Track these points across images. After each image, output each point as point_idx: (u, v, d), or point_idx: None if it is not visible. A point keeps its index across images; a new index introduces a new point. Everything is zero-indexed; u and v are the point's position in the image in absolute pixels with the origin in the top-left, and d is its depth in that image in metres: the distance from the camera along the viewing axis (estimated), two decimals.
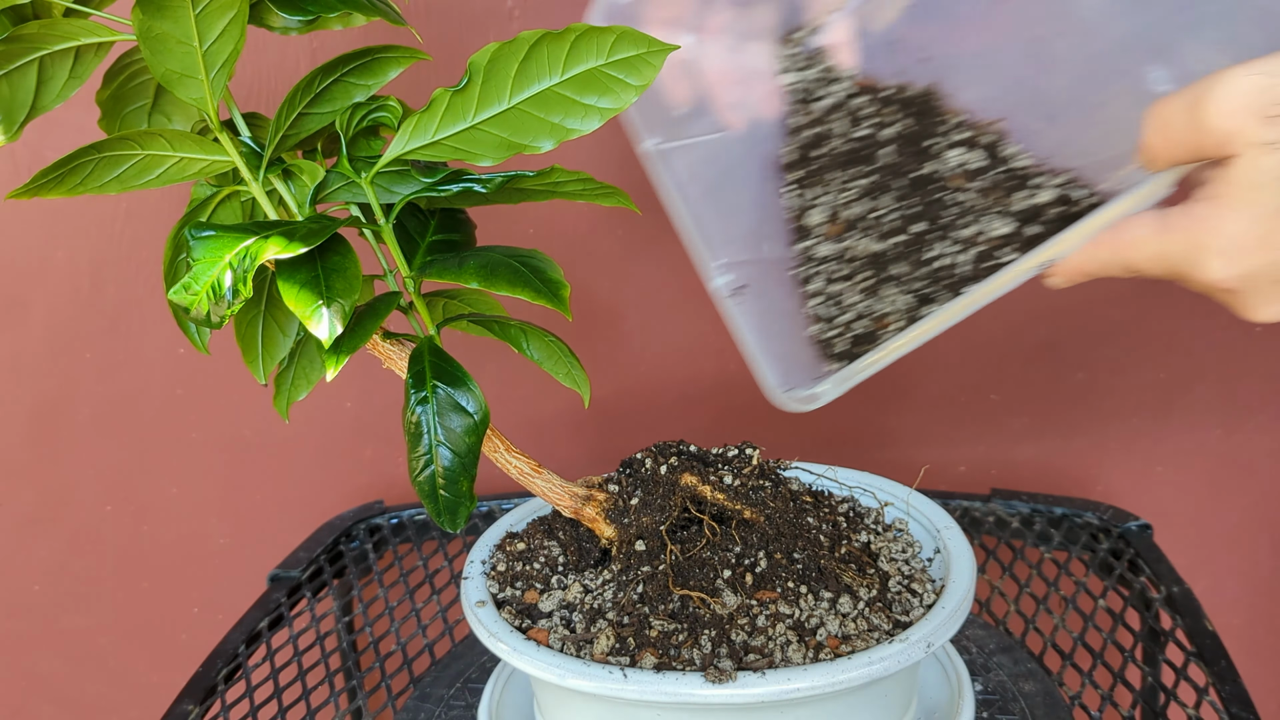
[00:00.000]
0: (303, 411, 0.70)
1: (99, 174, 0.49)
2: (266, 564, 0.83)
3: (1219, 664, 0.65)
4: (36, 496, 0.96)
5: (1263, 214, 0.44)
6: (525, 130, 0.48)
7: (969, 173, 0.55)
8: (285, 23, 0.51)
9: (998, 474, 0.96)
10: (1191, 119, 0.45)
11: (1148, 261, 0.48)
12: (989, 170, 0.56)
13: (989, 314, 0.91)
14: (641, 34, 0.46)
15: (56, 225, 0.89)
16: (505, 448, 0.55)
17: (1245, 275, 0.46)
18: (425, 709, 0.66)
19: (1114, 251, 0.49)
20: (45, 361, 0.92)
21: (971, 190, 0.55)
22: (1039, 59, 0.57)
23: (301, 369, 0.56)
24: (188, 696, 0.69)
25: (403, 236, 0.53)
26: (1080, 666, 0.69)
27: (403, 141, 0.49)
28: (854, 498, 0.61)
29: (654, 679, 0.48)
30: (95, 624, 1.00)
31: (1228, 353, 0.92)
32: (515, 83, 0.47)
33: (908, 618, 0.52)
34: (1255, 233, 0.45)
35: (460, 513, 0.51)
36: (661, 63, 0.47)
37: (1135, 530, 0.82)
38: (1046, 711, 0.61)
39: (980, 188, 0.55)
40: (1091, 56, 0.55)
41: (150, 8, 0.45)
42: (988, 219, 0.54)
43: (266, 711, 0.70)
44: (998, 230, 0.53)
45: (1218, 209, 0.45)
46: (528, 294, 0.48)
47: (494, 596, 0.55)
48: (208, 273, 0.46)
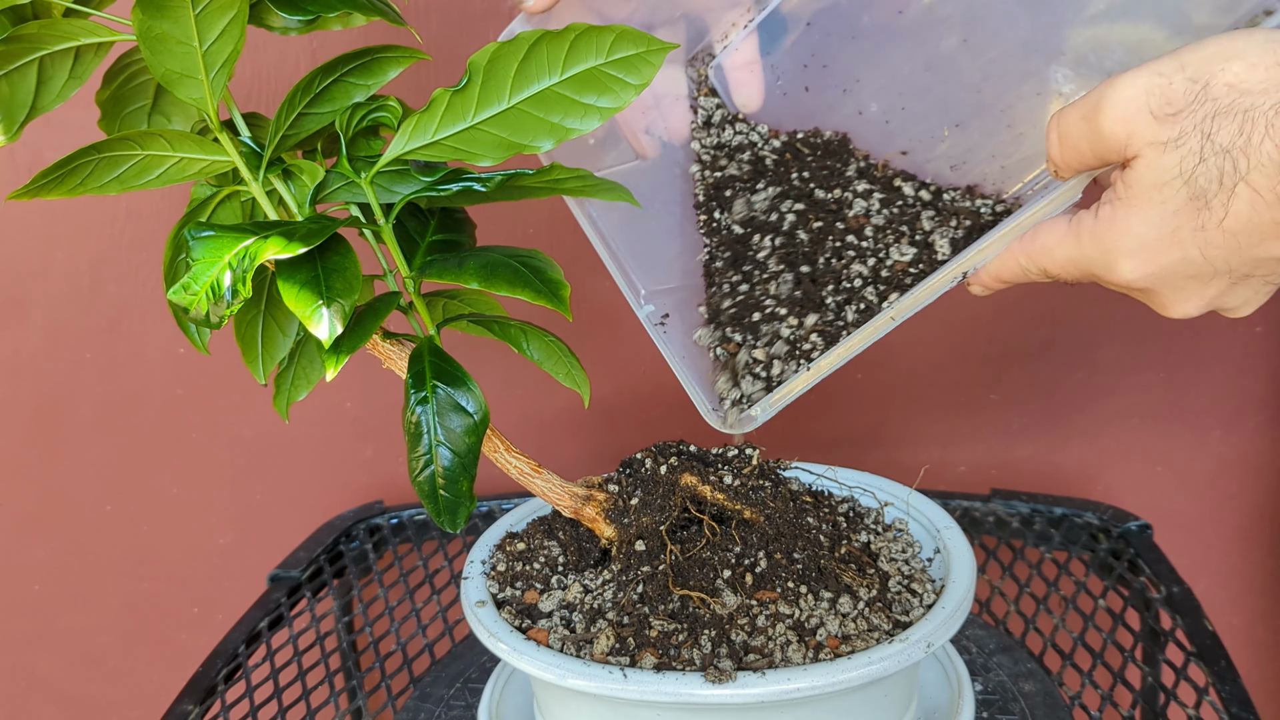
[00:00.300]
0: (303, 411, 0.70)
1: (99, 174, 0.49)
2: (266, 564, 0.83)
3: (1219, 664, 0.65)
4: (36, 496, 0.96)
5: (1167, 212, 0.44)
6: (525, 130, 0.48)
7: (868, 213, 0.56)
8: (285, 23, 0.51)
9: (998, 474, 0.96)
10: (1090, 127, 0.45)
11: (1061, 267, 0.49)
12: (890, 204, 0.56)
13: (989, 314, 0.92)
14: (641, 33, 0.46)
15: (56, 225, 0.89)
16: (505, 448, 0.55)
17: (1157, 274, 0.46)
18: (425, 709, 0.66)
19: (1029, 259, 0.50)
20: (45, 361, 0.92)
21: (874, 224, 0.56)
22: (942, 68, 0.57)
23: (301, 369, 0.56)
24: (188, 696, 0.69)
25: (403, 236, 0.53)
26: (1080, 666, 0.69)
27: (403, 141, 0.49)
28: (854, 498, 0.61)
29: (654, 679, 0.48)
30: (95, 624, 1.00)
31: (1228, 353, 0.92)
32: (515, 82, 0.47)
33: (908, 618, 0.52)
34: (1162, 232, 0.45)
35: (460, 513, 0.51)
36: (661, 61, 0.47)
37: (1135, 530, 0.82)
38: (1046, 711, 0.61)
39: (882, 223, 0.56)
40: (993, 60, 0.56)
41: (150, 8, 0.45)
42: (896, 246, 0.55)
43: (266, 711, 0.70)
44: (906, 255, 0.54)
45: (1124, 211, 0.45)
46: (528, 294, 0.48)
47: (494, 596, 0.55)
48: (207, 273, 0.46)
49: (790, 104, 0.61)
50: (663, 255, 0.61)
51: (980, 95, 0.56)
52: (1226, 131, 0.42)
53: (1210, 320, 0.91)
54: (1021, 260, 0.50)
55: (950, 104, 0.57)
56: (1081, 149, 0.46)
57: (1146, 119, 0.44)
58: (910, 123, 0.58)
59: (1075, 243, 0.48)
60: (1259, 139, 0.42)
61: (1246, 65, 0.42)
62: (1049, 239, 0.49)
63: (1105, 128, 0.45)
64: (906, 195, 0.56)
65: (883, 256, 0.54)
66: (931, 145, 0.58)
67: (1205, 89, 0.43)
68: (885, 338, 0.54)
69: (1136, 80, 0.44)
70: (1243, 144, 0.42)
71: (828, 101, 0.60)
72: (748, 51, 0.61)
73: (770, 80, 0.61)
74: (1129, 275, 0.46)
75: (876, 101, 0.58)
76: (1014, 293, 0.91)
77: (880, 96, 0.59)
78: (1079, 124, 0.46)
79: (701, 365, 0.58)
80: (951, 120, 0.57)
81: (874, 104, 0.59)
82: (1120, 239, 0.46)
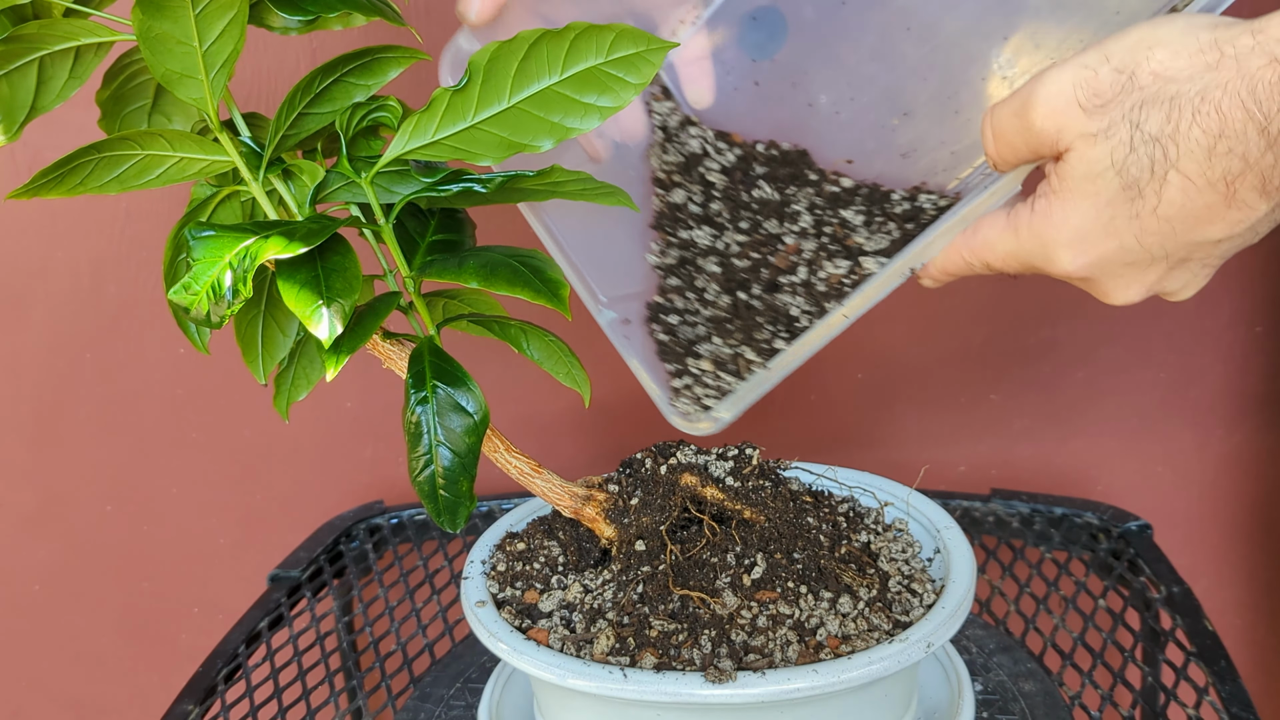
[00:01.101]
0: (303, 411, 0.70)
1: (99, 174, 0.49)
2: (266, 564, 0.83)
3: (1219, 664, 0.65)
4: (36, 496, 0.96)
5: (1101, 203, 0.45)
6: (525, 129, 0.48)
7: (804, 233, 0.57)
8: (285, 23, 0.51)
9: (998, 474, 0.96)
10: (1021, 123, 0.46)
11: (1002, 260, 0.49)
12: (830, 220, 0.57)
13: (989, 314, 0.92)
14: (641, 32, 0.46)
15: (56, 225, 0.89)
16: (505, 448, 0.55)
17: (1095, 264, 0.46)
18: (425, 709, 0.66)
19: (971, 252, 0.50)
20: (45, 361, 0.92)
21: (808, 248, 0.56)
22: (888, 56, 0.57)
23: (301, 369, 0.56)
24: (188, 696, 0.69)
25: (403, 236, 0.53)
26: (1080, 666, 0.69)
27: (403, 141, 0.49)
28: (854, 498, 0.61)
29: (654, 679, 0.48)
30: (95, 624, 1.00)
31: (1228, 353, 0.92)
32: (515, 82, 0.47)
33: (908, 618, 0.52)
34: (1097, 222, 0.45)
35: (460, 513, 0.51)
36: (661, 60, 0.47)
37: (1135, 530, 0.82)
38: (1046, 711, 0.61)
39: (814, 247, 0.56)
40: (937, 47, 0.56)
41: (150, 8, 0.45)
42: (831, 261, 0.55)
43: (266, 711, 0.70)
44: (840, 269, 0.55)
45: (1059, 204, 0.46)
46: (527, 294, 0.48)
47: (494, 596, 0.55)
48: (208, 272, 0.46)
49: (742, 99, 0.61)
50: (622, 259, 0.61)
51: (926, 82, 0.57)
52: (1154, 120, 0.43)
53: (1210, 320, 0.91)
54: (965, 254, 0.51)
55: (898, 92, 0.57)
56: (1016, 144, 0.47)
57: (1075, 112, 0.44)
58: (860, 113, 0.58)
59: (1014, 236, 0.48)
60: (1186, 125, 0.42)
61: (1170, 53, 0.43)
62: (989, 234, 0.49)
63: (1036, 123, 0.45)
64: (848, 213, 0.56)
65: (817, 272, 0.55)
66: (881, 135, 0.58)
67: (1131, 79, 0.43)
68: (886, 338, 0.54)
69: (1063, 74, 0.44)
70: (1171, 131, 0.42)
71: (778, 95, 0.60)
72: (697, 47, 0.61)
73: (721, 76, 0.61)
74: (1068, 266, 0.47)
75: (825, 93, 0.59)
76: (1014, 293, 0.91)
77: (829, 88, 0.59)
78: (1011, 120, 0.46)
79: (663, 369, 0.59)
80: (900, 109, 0.57)
81: (823, 95, 0.59)
82: (1057, 231, 0.46)
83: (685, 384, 0.57)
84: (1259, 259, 0.89)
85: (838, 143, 0.59)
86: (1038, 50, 0.54)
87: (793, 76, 0.59)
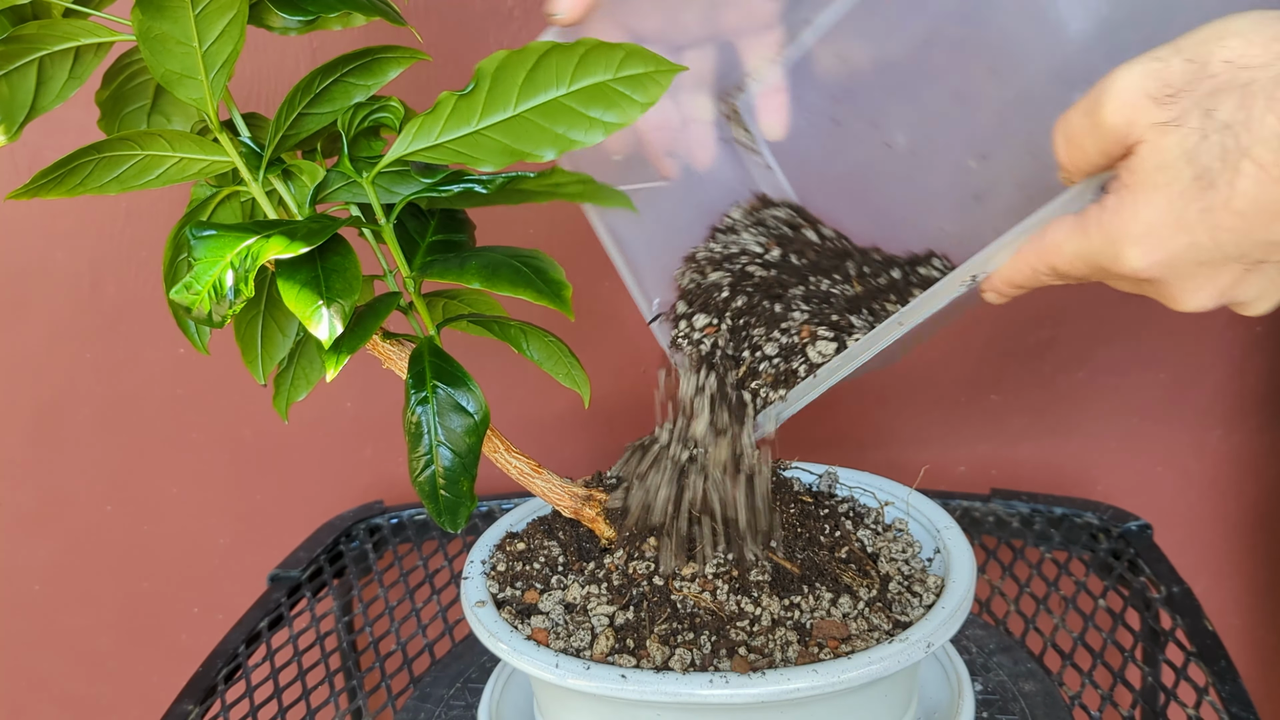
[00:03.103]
0: (303, 411, 0.70)
1: (99, 174, 0.49)
2: (266, 564, 0.83)
3: (1219, 664, 0.65)
4: (36, 496, 0.96)
5: (1173, 194, 0.44)
6: (529, 138, 0.48)
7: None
8: (285, 23, 0.51)
9: (998, 474, 0.96)
10: (1092, 122, 0.45)
11: (1069, 262, 0.48)
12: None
13: (989, 315, 0.92)
14: (650, 53, 0.46)
15: (56, 225, 0.89)
16: (505, 448, 0.55)
17: (1164, 262, 0.45)
18: (425, 709, 0.66)
19: (1038, 257, 0.49)
20: (45, 361, 0.92)
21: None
22: (969, 98, 0.57)
23: (301, 369, 0.56)
24: (188, 696, 0.69)
25: (403, 236, 0.53)
26: (1080, 666, 0.69)
27: (406, 142, 0.49)
28: (854, 498, 0.61)
29: (654, 679, 0.48)
30: (95, 624, 1.00)
31: (1228, 353, 0.92)
32: (522, 91, 0.47)
33: (908, 618, 0.52)
34: (1169, 215, 0.44)
35: (460, 513, 0.51)
36: (668, 82, 0.47)
37: (1135, 530, 0.82)
38: (1046, 711, 0.61)
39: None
40: (1019, 90, 0.56)
41: (150, 8, 0.45)
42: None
43: (266, 711, 0.70)
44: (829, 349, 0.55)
45: (1130, 197, 0.45)
46: (530, 294, 0.48)
47: (494, 596, 0.55)
48: (209, 272, 0.46)
49: (817, 135, 0.61)
50: (673, 269, 0.61)
51: (1005, 125, 0.56)
52: (1227, 107, 0.42)
53: (1210, 320, 0.91)
54: (1031, 260, 0.49)
55: (976, 135, 0.57)
56: (1086, 147, 0.46)
57: (1145, 103, 0.43)
58: (937, 154, 0.58)
59: (1083, 235, 0.47)
60: (1260, 112, 0.41)
61: (1244, 42, 0.42)
62: (1057, 235, 0.48)
63: (1107, 119, 0.44)
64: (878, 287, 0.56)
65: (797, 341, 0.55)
66: (957, 176, 0.57)
67: (1203, 68, 0.42)
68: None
69: (1133, 69, 0.44)
70: (1244, 118, 0.42)
71: (856, 133, 0.60)
72: (775, 79, 0.61)
73: (798, 113, 0.61)
74: (1136, 264, 0.45)
75: (903, 133, 0.58)
76: None
77: (907, 129, 0.58)
78: (1081, 121, 0.45)
79: None
80: (978, 151, 0.57)
81: (901, 136, 0.58)
82: (1126, 226, 0.45)
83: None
84: None
85: (914, 182, 0.58)
86: None
87: (872, 115, 0.59)
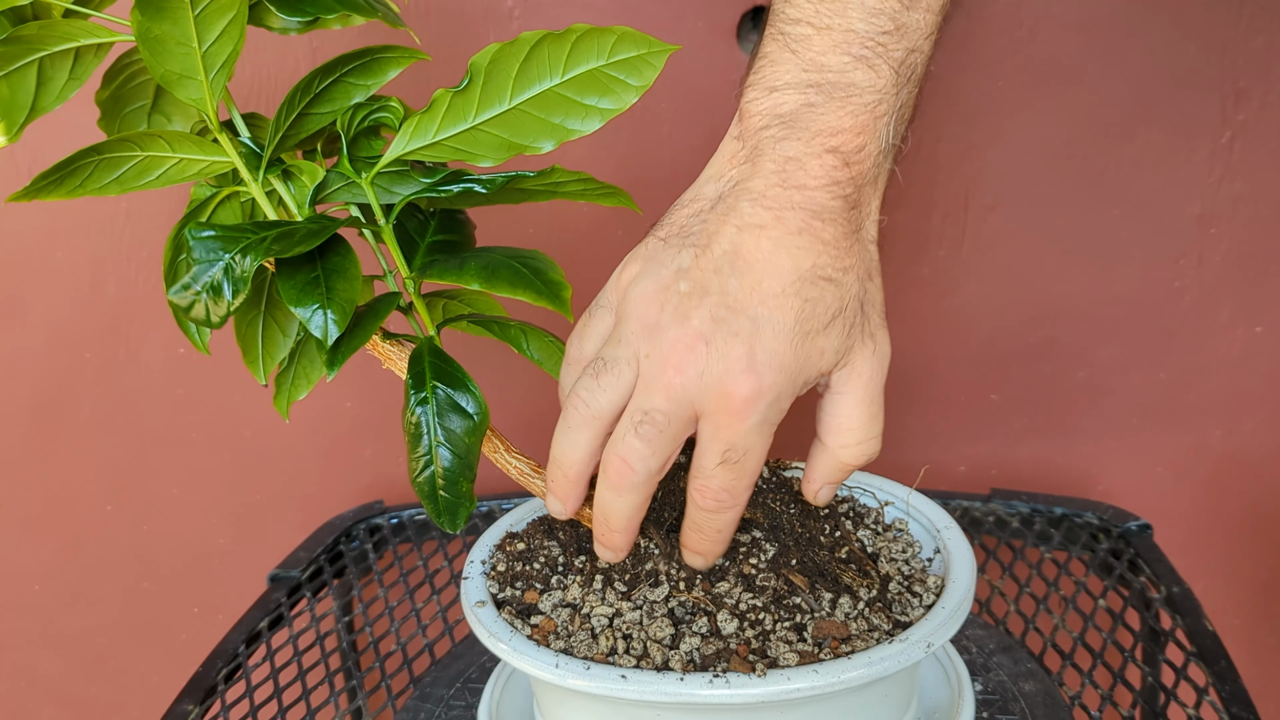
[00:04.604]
0: (303, 411, 0.70)
1: (99, 176, 0.49)
2: (266, 564, 0.83)
3: (1219, 664, 0.65)
4: (36, 496, 0.96)
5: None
6: (526, 131, 0.48)
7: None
8: (284, 23, 0.51)
9: (998, 474, 0.96)
10: None
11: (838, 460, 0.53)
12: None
13: (989, 314, 0.92)
14: (642, 35, 0.46)
15: (56, 225, 0.89)
16: (505, 448, 0.55)
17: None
18: (425, 709, 0.66)
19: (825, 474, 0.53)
20: (45, 361, 0.92)
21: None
22: None
23: (301, 369, 0.56)
24: (188, 696, 0.69)
25: (403, 237, 0.53)
26: (1080, 666, 0.69)
27: (403, 142, 0.49)
28: (854, 498, 0.61)
29: (654, 679, 0.47)
30: (95, 624, 1.00)
31: (1228, 353, 0.92)
32: (516, 83, 0.47)
33: (908, 618, 0.52)
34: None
35: (460, 513, 0.51)
36: (662, 63, 0.47)
37: (1135, 530, 0.82)
38: (1046, 711, 0.61)
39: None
40: None
41: (149, 9, 0.45)
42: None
43: (266, 711, 0.70)
44: None
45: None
46: (529, 295, 0.48)
47: (494, 596, 0.55)
48: (208, 273, 0.46)
49: None
50: None
51: None
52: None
53: (1210, 320, 0.91)
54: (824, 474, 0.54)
55: None
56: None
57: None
58: None
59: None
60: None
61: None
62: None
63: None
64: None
65: None
66: None
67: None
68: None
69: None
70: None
71: None
72: None
73: None
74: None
75: None
76: (1014, 293, 0.91)
77: None
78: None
79: None
80: None
81: None
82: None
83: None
84: (1259, 259, 0.89)
85: None
86: None
87: None
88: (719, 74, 0.84)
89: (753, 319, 0.46)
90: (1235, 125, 0.86)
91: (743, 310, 0.46)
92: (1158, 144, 0.86)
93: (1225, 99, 0.85)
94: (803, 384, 0.48)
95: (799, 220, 0.46)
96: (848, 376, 0.50)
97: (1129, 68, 0.85)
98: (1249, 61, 0.84)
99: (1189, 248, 0.89)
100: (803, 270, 0.46)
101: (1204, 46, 0.84)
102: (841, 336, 0.48)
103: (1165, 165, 0.87)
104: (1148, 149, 0.87)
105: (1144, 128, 0.86)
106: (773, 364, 0.46)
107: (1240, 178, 0.87)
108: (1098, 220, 0.89)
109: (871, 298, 0.49)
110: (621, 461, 0.48)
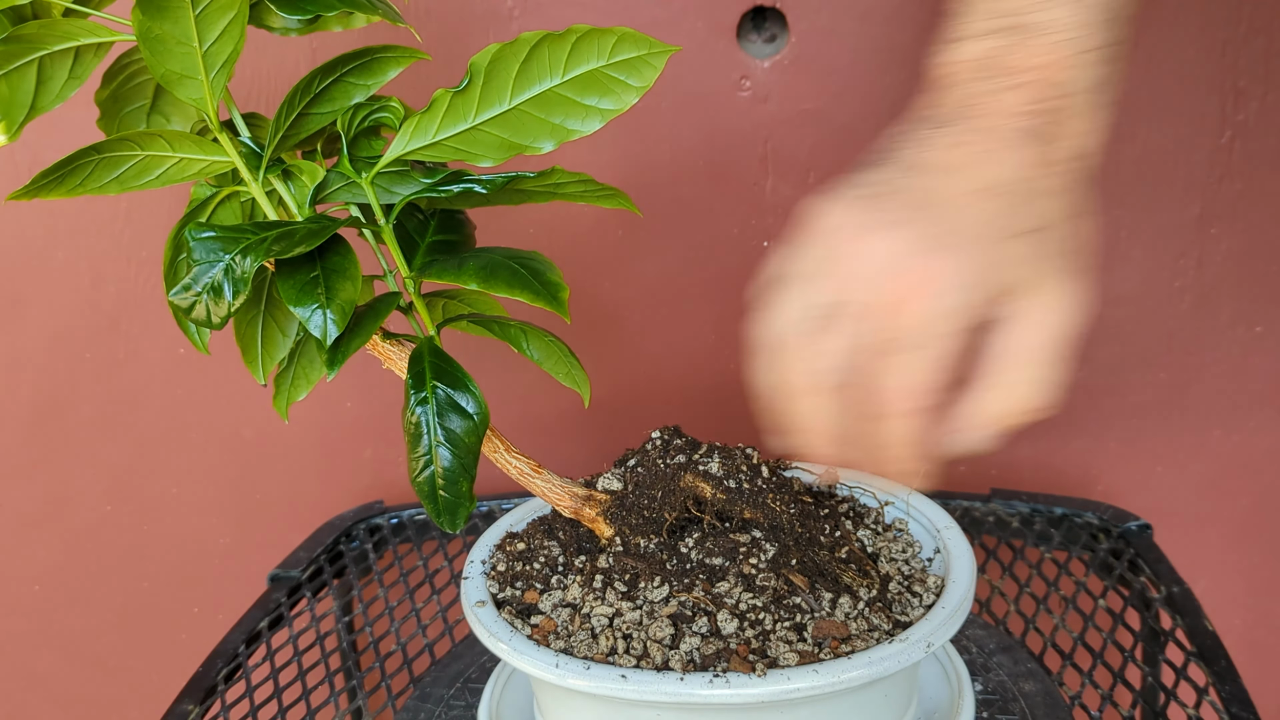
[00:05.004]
0: (303, 411, 0.70)
1: (98, 175, 0.49)
2: (266, 564, 0.83)
3: (1219, 664, 0.65)
4: (36, 496, 0.96)
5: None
6: (526, 131, 0.48)
7: None
8: (285, 23, 0.51)
9: (998, 474, 0.95)
10: None
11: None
12: None
13: None
14: (642, 35, 0.46)
15: (56, 225, 0.89)
16: (505, 448, 0.55)
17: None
18: (425, 709, 0.66)
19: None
20: (45, 361, 0.92)
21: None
22: None
23: (301, 369, 0.56)
24: (188, 696, 0.69)
25: (402, 237, 0.53)
26: (1080, 666, 0.69)
27: (403, 142, 0.49)
28: (854, 498, 0.61)
29: (654, 679, 0.48)
30: (95, 624, 1.00)
31: (1228, 353, 0.92)
32: (516, 83, 0.47)
33: (908, 618, 0.52)
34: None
35: (460, 513, 0.51)
36: (663, 64, 0.47)
37: (1135, 530, 0.82)
38: (1046, 711, 0.61)
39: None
40: None
41: (150, 8, 0.45)
42: None
43: (266, 711, 0.70)
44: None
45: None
46: (526, 296, 0.48)
47: (494, 596, 0.55)
48: (208, 273, 0.46)
49: None
50: None
51: None
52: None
53: (1210, 320, 0.91)
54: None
55: None
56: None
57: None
58: None
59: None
60: None
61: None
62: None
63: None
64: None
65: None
66: None
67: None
68: None
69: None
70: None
71: None
72: None
73: None
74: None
75: None
76: None
77: None
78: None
79: None
80: None
81: None
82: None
83: None
84: (1259, 259, 0.89)
85: None
86: None
87: None
88: (719, 74, 0.84)
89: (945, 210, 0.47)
90: (1235, 125, 0.86)
91: (936, 204, 0.48)
92: (1158, 144, 0.86)
93: (1225, 99, 0.85)
94: (994, 287, 0.48)
95: (992, 143, 0.48)
96: (1035, 307, 0.49)
97: (1129, 68, 0.85)
98: (1249, 61, 0.84)
99: (1189, 248, 0.89)
100: (997, 180, 0.47)
101: (1204, 46, 0.84)
102: (1033, 257, 0.48)
103: (1165, 165, 0.87)
104: (1148, 149, 0.87)
105: (1144, 128, 0.86)
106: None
107: (1240, 178, 0.87)
108: (1098, 220, 0.89)
109: (1075, 239, 0.49)
110: None
